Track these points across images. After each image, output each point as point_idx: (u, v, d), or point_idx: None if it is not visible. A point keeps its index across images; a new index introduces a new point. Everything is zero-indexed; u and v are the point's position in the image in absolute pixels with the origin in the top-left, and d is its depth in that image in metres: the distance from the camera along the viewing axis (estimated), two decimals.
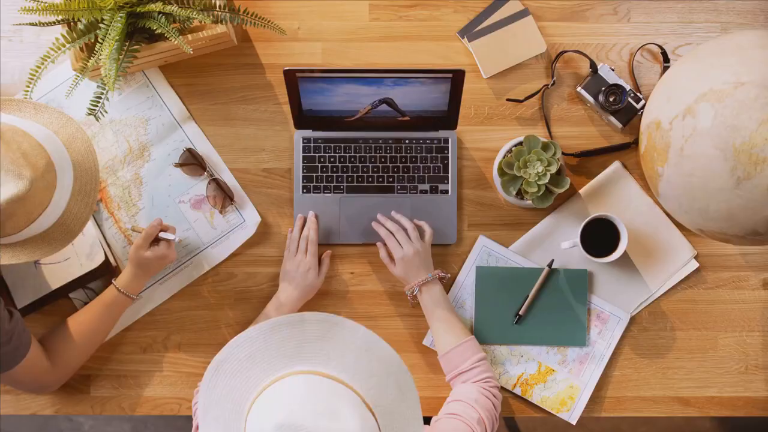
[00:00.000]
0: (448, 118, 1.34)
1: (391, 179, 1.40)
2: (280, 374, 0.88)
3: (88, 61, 1.22)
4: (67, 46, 1.22)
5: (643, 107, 1.38)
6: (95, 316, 1.30)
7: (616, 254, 1.33)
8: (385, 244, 1.36)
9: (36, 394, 1.37)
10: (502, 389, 1.38)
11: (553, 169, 1.29)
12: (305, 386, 0.86)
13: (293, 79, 1.25)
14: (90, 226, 1.36)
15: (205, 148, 1.41)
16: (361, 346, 0.91)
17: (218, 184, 1.39)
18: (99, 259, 1.34)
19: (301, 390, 0.85)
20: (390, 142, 1.40)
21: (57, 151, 1.12)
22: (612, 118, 1.39)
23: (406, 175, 1.40)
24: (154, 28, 1.21)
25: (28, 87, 1.20)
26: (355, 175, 1.40)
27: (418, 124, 1.36)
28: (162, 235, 1.30)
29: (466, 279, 1.40)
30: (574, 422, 1.38)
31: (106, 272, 1.36)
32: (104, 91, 1.26)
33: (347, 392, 0.86)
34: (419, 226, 1.36)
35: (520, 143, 1.35)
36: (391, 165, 1.40)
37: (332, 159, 1.40)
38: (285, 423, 0.82)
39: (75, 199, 1.15)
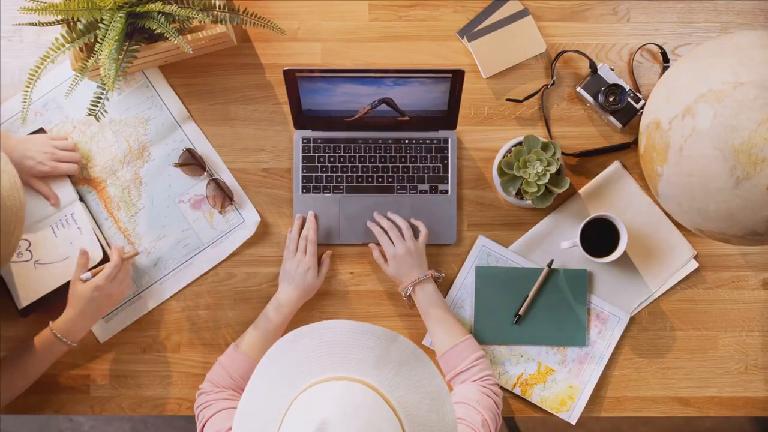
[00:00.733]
0: (448, 118, 1.34)
1: (390, 179, 1.40)
2: (350, 375, 0.88)
3: (87, 61, 1.22)
4: (67, 46, 1.22)
5: (642, 107, 1.38)
6: (32, 356, 1.24)
7: (615, 254, 1.33)
8: (378, 245, 1.36)
9: None
10: (502, 389, 1.38)
11: (553, 169, 1.29)
12: (365, 398, 0.85)
13: (293, 79, 1.25)
14: (87, 224, 1.35)
15: (204, 148, 1.41)
16: (431, 393, 0.90)
17: (218, 184, 1.39)
18: (98, 257, 1.34)
19: (359, 399, 0.85)
20: (390, 142, 1.40)
21: None
22: (612, 118, 1.39)
23: (405, 175, 1.40)
24: (154, 28, 1.21)
25: (28, 87, 1.20)
26: (354, 175, 1.40)
27: (418, 124, 1.36)
28: (82, 276, 1.26)
29: (466, 279, 1.40)
30: (573, 422, 1.38)
31: None
32: (104, 91, 1.26)
33: (396, 426, 0.86)
34: (415, 226, 1.37)
35: (520, 143, 1.35)
36: (391, 165, 1.40)
37: (332, 159, 1.40)
38: (331, 420, 0.82)
39: None
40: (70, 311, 1.26)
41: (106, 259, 1.34)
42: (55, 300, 1.35)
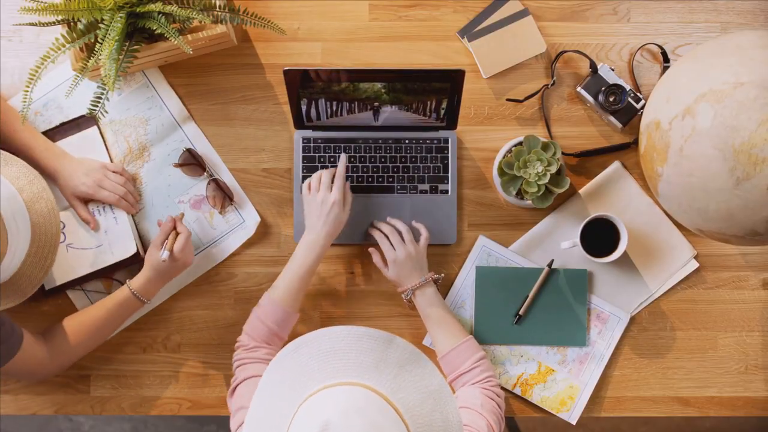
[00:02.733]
0: (448, 118, 1.34)
1: (391, 179, 1.40)
2: (349, 380, 0.88)
3: (88, 61, 1.22)
4: (67, 46, 1.22)
5: (642, 107, 1.38)
6: (105, 313, 1.29)
7: (616, 254, 1.33)
8: (377, 249, 1.36)
9: (29, 381, 1.38)
10: (502, 389, 1.38)
11: (553, 169, 1.29)
12: (367, 401, 0.86)
13: (293, 79, 1.25)
14: (124, 215, 1.36)
15: (204, 148, 1.41)
16: (433, 392, 0.91)
17: (218, 184, 1.39)
18: (131, 250, 1.34)
19: (362, 402, 0.86)
20: (390, 142, 1.40)
21: (16, 213, 1.09)
22: (612, 118, 1.39)
23: (406, 175, 1.40)
24: (154, 28, 1.21)
25: (28, 87, 1.20)
26: (355, 175, 1.40)
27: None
28: (162, 255, 1.27)
29: (466, 279, 1.40)
30: (574, 422, 1.38)
31: (135, 262, 1.35)
32: (104, 91, 1.26)
33: (401, 427, 0.86)
34: (416, 229, 1.36)
35: (520, 143, 1.35)
36: (391, 165, 1.40)
37: (332, 159, 1.40)
38: (333, 423, 0.82)
39: (30, 262, 1.12)
40: (147, 273, 1.29)
41: (138, 253, 1.35)
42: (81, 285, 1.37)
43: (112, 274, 1.37)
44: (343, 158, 1.34)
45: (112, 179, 1.35)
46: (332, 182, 1.30)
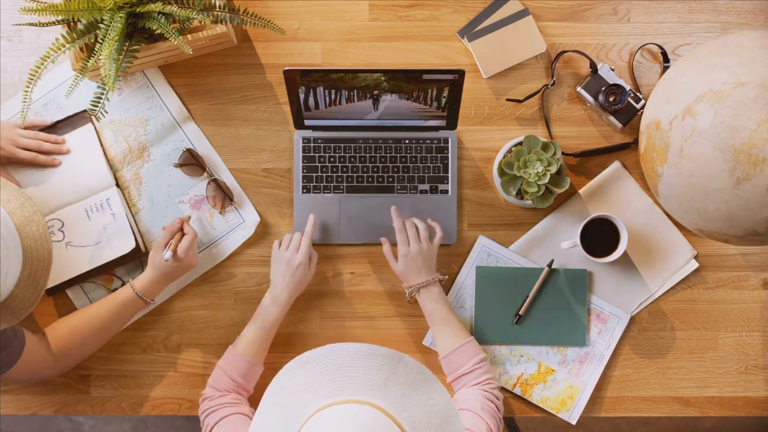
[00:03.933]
0: (448, 118, 1.34)
1: (391, 179, 1.40)
2: (356, 398, 0.88)
3: (88, 61, 1.22)
4: (67, 46, 1.22)
5: (642, 107, 1.38)
6: (108, 313, 1.29)
7: (616, 254, 1.33)
8: (389, 240, 1.36)
9: (32, 383, 1.38)
10: (502, 389, 1.38)
11: (553, 169, 1.29)
12: (375, 420, 0.86)
13: (293, 79, 1.25)
14: (121, 211, 1.36)
15: (204, 149, 1.41)
16: (439, 412, 0.91)
17: (218, 185, 1.39)
18: (129, 246, 1.34)
19: (370, 420, 0.86)
20: (390, 142, 1.40)
21: (7, 238, 1.09)
22: (612, 118, 1.39)
23: (406, 175, 1.40)
24: (154, 28, 1.21)
25: (28, 87, 1.20)
26: (355, 175, 1.40)
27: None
28: (165, 255, 1.27)
29: (466, 279, 1.40)
30: (573, 422, 1.38)
31: (135, 258, 1.36)
32: (104, 91, 1.26)
33: None
34: (432, 227, 1.36)
35: (520, 143, 1.35)
36: (391, 165, 1.40)
37: (332, 159, 1.40)
38: None
39: (23, 285, 1.11)
40: (151, 274, 1.30)
41: (137, 249, 1.35)
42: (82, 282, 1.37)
43: (112, 271, 1.37)
44: (311, 219, 1.35)
45: (24, 135, 1.35)
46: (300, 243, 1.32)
